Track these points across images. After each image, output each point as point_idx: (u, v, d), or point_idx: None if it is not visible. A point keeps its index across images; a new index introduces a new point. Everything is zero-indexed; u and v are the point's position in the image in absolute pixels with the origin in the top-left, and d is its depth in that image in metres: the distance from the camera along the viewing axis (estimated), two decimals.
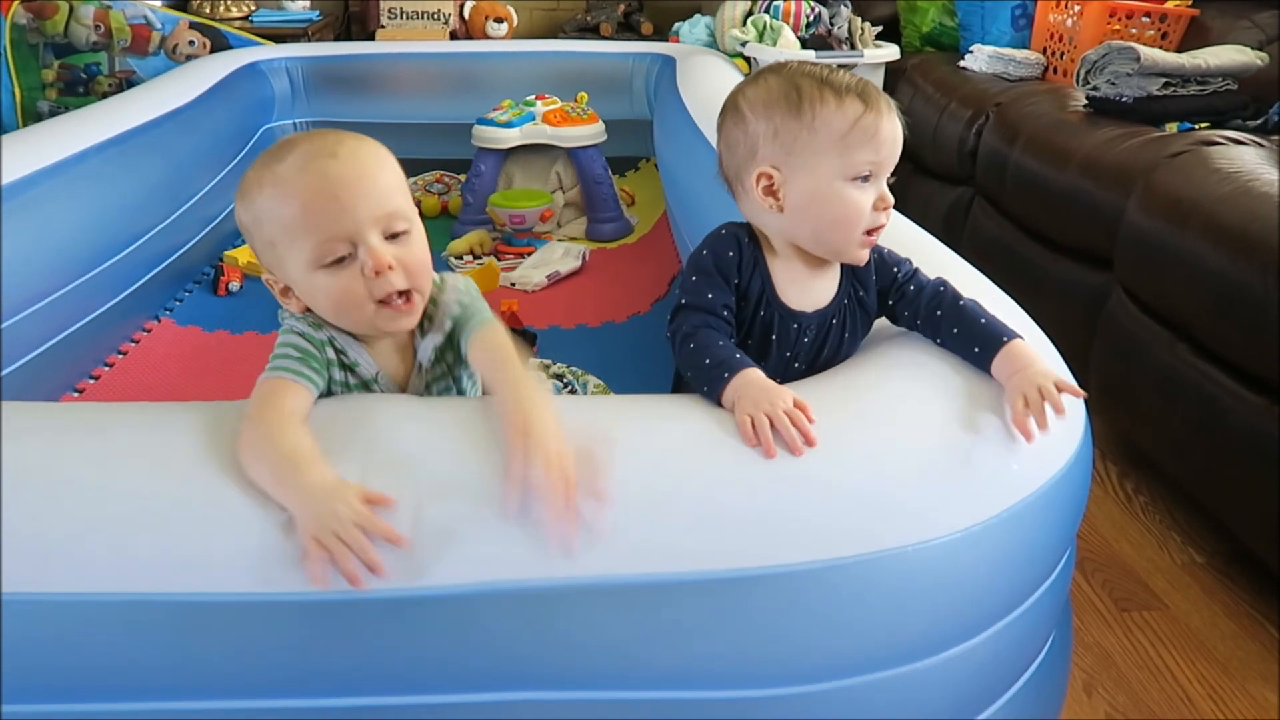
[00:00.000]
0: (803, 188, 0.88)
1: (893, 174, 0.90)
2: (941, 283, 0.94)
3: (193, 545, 0.72)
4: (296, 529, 0.70)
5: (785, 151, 0.88)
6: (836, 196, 0.87)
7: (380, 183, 0.82)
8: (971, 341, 0.89)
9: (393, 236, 0.82)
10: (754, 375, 0.81)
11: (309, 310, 0.86)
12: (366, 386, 0.87)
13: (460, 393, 0.93)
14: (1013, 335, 0.88)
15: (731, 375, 0.81)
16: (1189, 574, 1.48)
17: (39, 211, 1.69)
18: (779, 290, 0.92)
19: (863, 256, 0.91)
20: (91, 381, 1.80)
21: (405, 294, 0.82)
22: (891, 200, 0.89)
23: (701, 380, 0.83)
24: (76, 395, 1.75)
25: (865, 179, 0.87)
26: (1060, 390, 0.83)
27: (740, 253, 0.91)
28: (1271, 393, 1.33)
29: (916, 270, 0.96)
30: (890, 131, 0.88)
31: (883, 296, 0.96)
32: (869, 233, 0.89)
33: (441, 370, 0.91)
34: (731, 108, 0.92)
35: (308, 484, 0.71)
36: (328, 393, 0.85)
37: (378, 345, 0.88)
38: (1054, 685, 1.00)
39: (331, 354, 0.85)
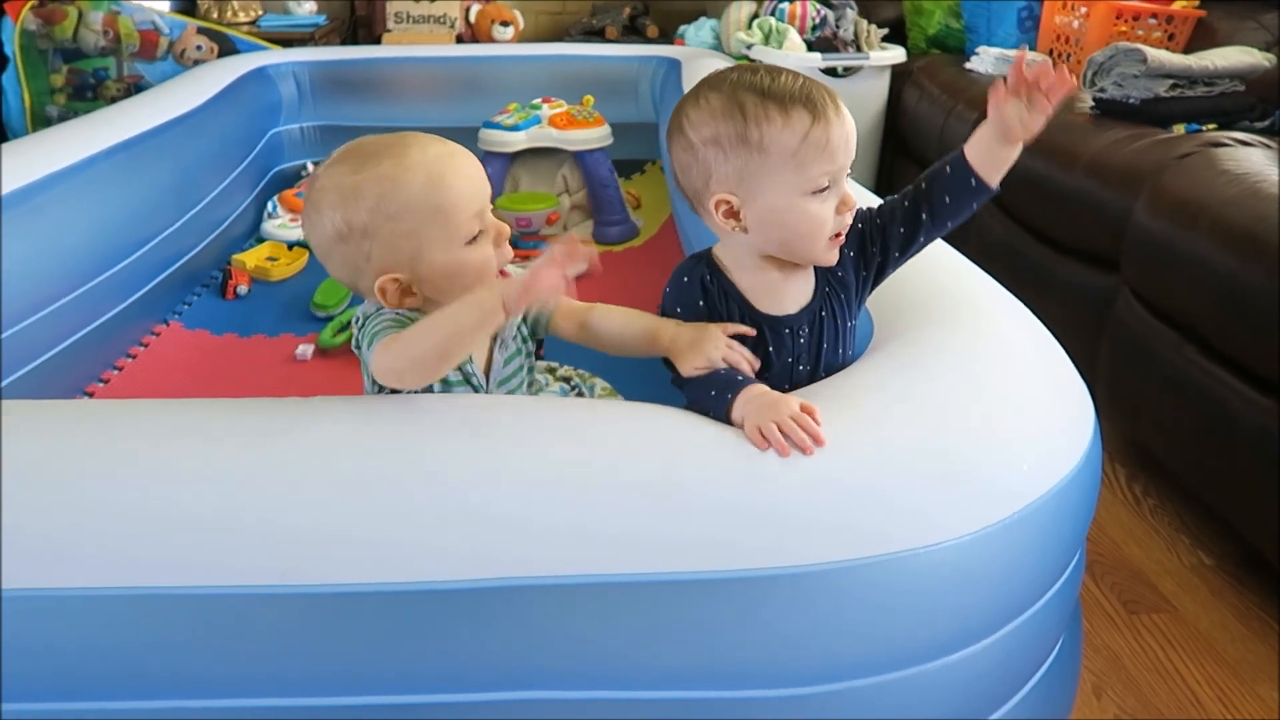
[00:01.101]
0: (762, 209, 0.87)
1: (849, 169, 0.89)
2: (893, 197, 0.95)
3: (200, 539, 0.73)
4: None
5: (739, 177, 0.86)
6: (798, 212, 0.86)
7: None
8: (941, 167, 0.91)
9: None
10: (757, 389, 0.82)
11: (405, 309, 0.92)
12: (459, 367, 0.94)
13: (529, 368, 1.05)
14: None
15: (735, 395, 0.82)
16: (1198, 576, 1.48)
17: (48, 216, 1.70)
18: (756, 304, 0.92)
19: (832, 258, 0.91)
20: (101, 385, 1.80)
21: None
22: (855, 201, 0.88)
23: (710, 410, 0.84)
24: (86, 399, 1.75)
25: (825, 189, 0.86)
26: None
27: (705, 293, 0.91)
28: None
29: (868, 208, 0.95)
30: (841, 136, 0.86)
31: (862, 252, 0.95)
32: (835, 235, 0.89)
33: (515, 348, 1.01)
34: (677, 131, 0.90)
35: (482, 294, 0.79)
36: None
37: None
38: (1064, 687, 1.00)
39: None
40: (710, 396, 0.84)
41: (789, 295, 0.93)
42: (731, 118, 0.86)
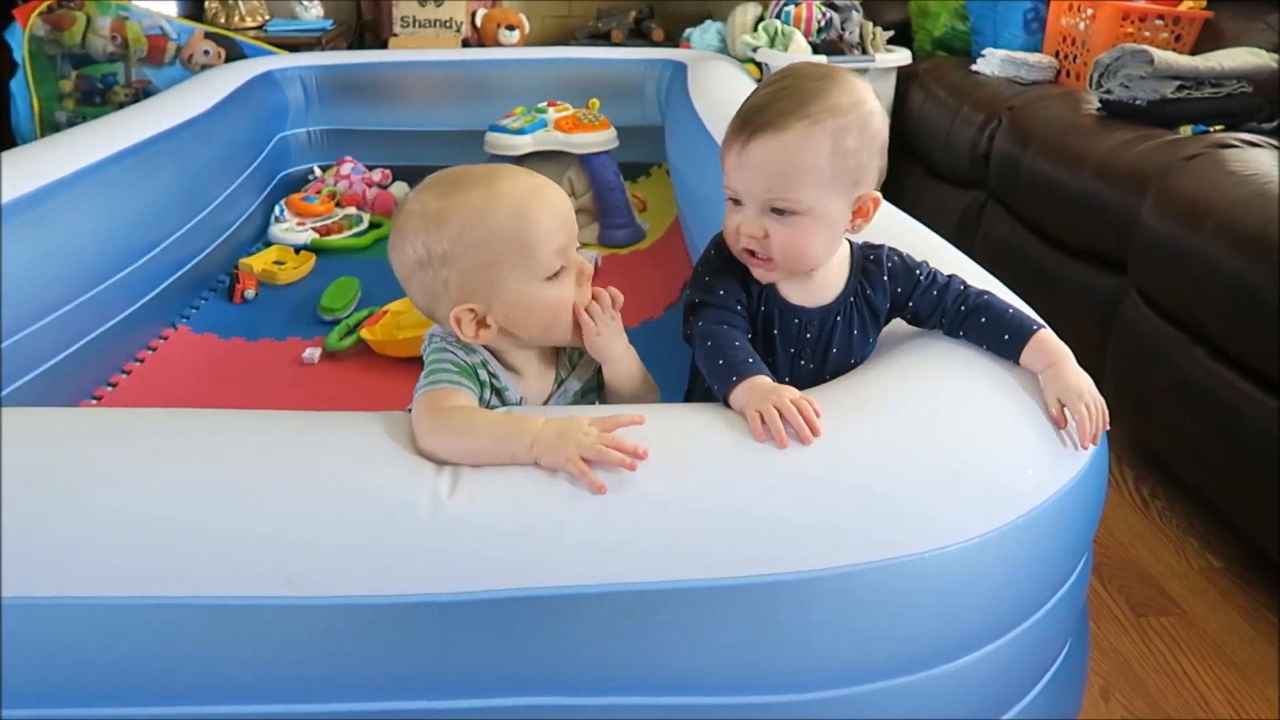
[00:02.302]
0: None
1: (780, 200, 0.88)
2: (960, 280, 0.97)
3: (212, 548, 0.73)
4: (551, 463, 0.75)
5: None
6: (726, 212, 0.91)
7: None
8: (1001, 330, 0.92)
9: None
10: (762, 381, 0.83)
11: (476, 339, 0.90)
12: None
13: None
14: (1040, 325, 0.92)
15: (740, 380, 0.83)
16: (1206, 579, 1.47)
17: (57, 220, 1.71)
18: (778, 286, 0.93)
19: (756, 274, 0.92)
20: (109, 389, 1.81)
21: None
22: (760, 233, 0.88)
23: (713, 378, 0.86)
24: (95, 403, 1.76)
25: (736, 202, 0.89)
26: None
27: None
28: None
29: (935, 270, 0.97)
30: (752, 160, 0.87)
31: (903, 299, 0.96)
32: (744, 250, 0.90)
33: (575, 399, 0.97)
34: None
35: (538, 427, 0.77)
36: None
37: (523, 376, 0.93)
38: (1071, 690, 1.00)
39: (485, 376, 0.89)
40: (719, 367, 0.85)
41: (810, 289, 0.94)
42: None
